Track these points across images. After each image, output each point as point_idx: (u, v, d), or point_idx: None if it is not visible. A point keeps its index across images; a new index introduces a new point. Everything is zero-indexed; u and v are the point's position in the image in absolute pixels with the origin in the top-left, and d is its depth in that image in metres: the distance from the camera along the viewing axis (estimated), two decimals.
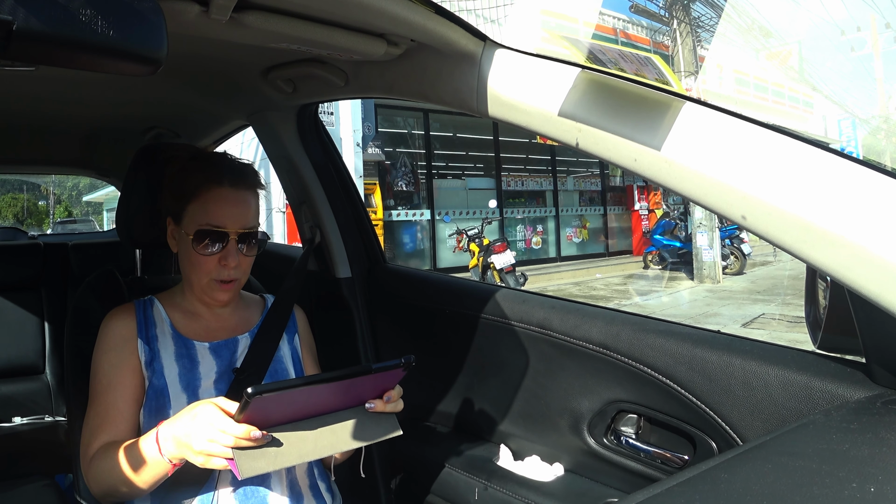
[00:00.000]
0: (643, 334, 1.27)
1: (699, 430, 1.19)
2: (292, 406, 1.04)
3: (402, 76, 1.24)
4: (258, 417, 1.00)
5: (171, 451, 1.07)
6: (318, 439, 1.07)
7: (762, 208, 0.81)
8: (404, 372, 1.10)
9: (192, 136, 2.27)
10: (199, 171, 1.30)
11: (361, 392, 1.13)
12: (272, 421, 1.03)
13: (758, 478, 0.61)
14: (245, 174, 1.32)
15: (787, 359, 1.06)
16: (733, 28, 15.38)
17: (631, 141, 0.91)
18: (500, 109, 1.04)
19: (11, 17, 0.54)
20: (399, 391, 1.17)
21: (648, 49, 13.35)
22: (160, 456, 1.08)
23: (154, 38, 0.63)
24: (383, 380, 1.12)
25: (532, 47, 1.04)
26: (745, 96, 17.81)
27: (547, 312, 1.46)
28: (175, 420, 1.08)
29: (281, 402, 1.00)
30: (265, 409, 0.99)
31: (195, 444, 1.02)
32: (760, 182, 0.81)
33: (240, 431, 0.99)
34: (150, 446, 1.10)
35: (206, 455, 1.02)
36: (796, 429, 0.75)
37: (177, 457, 1.07)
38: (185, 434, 1.03)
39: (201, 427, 1.01)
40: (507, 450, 1.55)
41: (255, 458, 1.01)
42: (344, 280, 1.88)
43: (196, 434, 1.02)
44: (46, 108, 1.95)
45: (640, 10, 13.20)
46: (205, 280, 1.29)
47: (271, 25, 1.03)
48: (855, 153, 23.97)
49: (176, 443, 1.06)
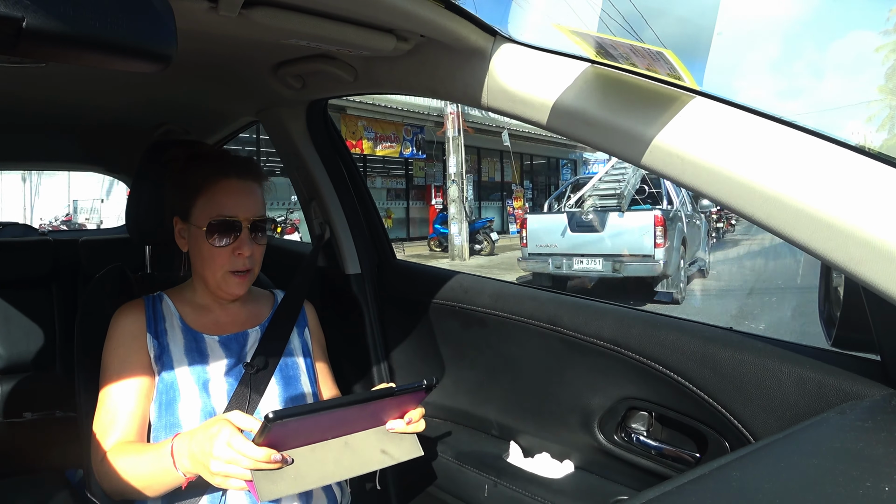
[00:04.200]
0: (654, 331, 1.26)
1: (711, 427, 1.18)
2: (313, 429, 1.03)
3: (411, 72, 1.23)
4: (278, 440, 0.98)
5: (187, 466, 1.06)
6: (338, 461, 1.06)
7: (774, 204, 0.80)
8: (426, 394, 1.10)
9: (202, 133, 2.28)
10: (204, 166, 1.30)
11: (382, 413, 1.12)
12: (292, 443, 1.02)
13: (770, 476, 0.60)
14: (249, 165, 1.33)
15: (801, 356, 1.05)
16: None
17: (643, 137, 0.90)
18: (511, 105, 1.04)
19: (21, 14, 0.54)
20: (420, 412, 1.16)
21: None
22: (174, 469, 1.07)
23: (163, 34, 0.63)
24: (405, 401, 1.11)
25: (543, 42, 1.03)
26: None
27: (557, 309, 1.45)
28: (192, 436, 1.06)
29: (301, 425, 0.99)
30: (285, 432, 0.97)
31: (213, 465, 1.00)
32: (773, 177, 0.80)
33: (260, 455, 0.97)
34: (165, 458, 1.09)
35: (225, 477, 1.00)
36: (810, 427, 0.75)
37: (191, 472, 1.07)
38: (203, 453, 1.02)
39: (219, 449, 0.99)
40: (517, 446, 1.55)
41: (275, 480, 0.99)
42: (353, 276, 1.87)
43: (214, 456, 1.00)
44: (56, 105, 1.96)
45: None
46: (219, 273, 1.29)
47: (280, 21, 1.03)
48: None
49: (192, 460, 1.05)
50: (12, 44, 0.55)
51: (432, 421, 1.77)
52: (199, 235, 1.28)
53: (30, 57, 0.59)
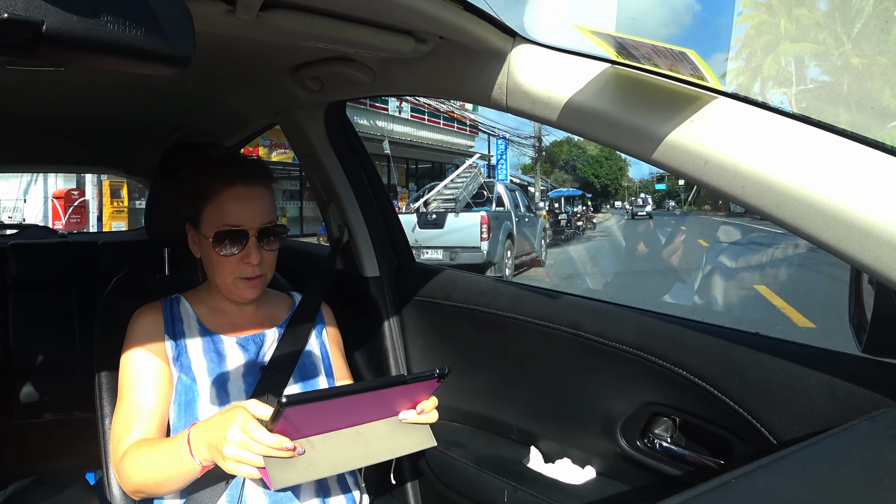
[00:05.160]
0: (678, 335, 1.25)
1: (735, 434, 1.16)
2: (325, 416, 1.03)
3: (429, 73, 1.22)
4: (291, 427, 0.98)
5: (202, 453, 1.07)
6: (350, 450, 1.06)
7: (802, 206, 0.78)
8: (439, 383, 1.08)
9: (220, 136, 2.29)
10: (209, 174, 1.29)
11: (395, 403, 1.11)
12: (305, 431, 1.02)
13: (797, 484, 0.58)
14: (255, 169, 1.32)
15: (830, 362, 1.03)
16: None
17: (665, 139, 0.88)
18: (531, 106, 1.02)
19: (41, 19, 0.54)
20: (433, 402, 1.15)
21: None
22: (191, 457, 1.08)
23: (181, 37, 0.62)
24: (417, 390, 1.10)
25: (562, 43, 1.02)
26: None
27: (578, 313, 1.44)
28: (207, 423, 1.08)
29: (314, 412, 0.99)
30: (298, 418, 0.97)
31: (226, 450, 1.00)
32: (800, 179, 0.78)
33: (272, 441, 0.97)
34: (181, 447, 1.10)
35: (237, 462, 1.00)
36: (839, 434, 0.73)
37: (207, 459, 1.08)
38: (217, 438, 1.03)
39: (233, 434, 1.00)
40: (538, 452, 1.53)
41: (288, 468, 0.99)
42: (372, 279, 1.87)
43: (228, 440, 1.00)
44: (75, 107, 1.97)
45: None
46: (230, 280, 1.30)
47: (298, 24, 1.03)
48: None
49: (207, 446, 1.06)
50: (32, 48, 0.55)
51: (451, 425, 1.75)
52: (207, 244, 1.28)
53: (49, 61, 0.59)
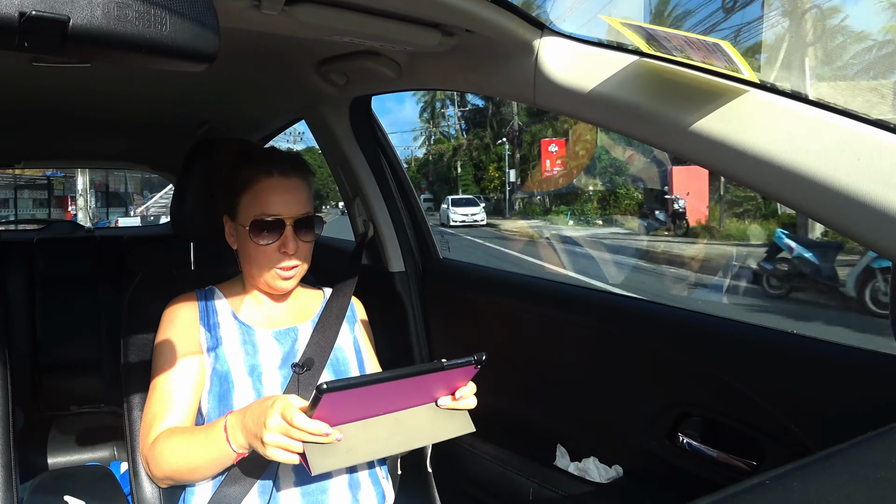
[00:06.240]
0: (709, 333, 1.22)
1: (768, 435, 1.14)
2: (363, 403, 1.03)
3: (456, 67, 1.21)
4: (329, 413, 0.99)
5: (239, 440, 1.09)
6: (389, 436, 1.06)
7: (840, 200, 0.76)
8: (476, 369, 1.09)
9: (246, 131, 2.30)
10: (248, 165, 1.31)
11: (433, 389, 1.12)
12: (343, 417, 1.03)
13: (833, 488, 0.56)
14: (293, 162, 1.33)
15: (870, 363, 1.00)
16: None
17: (699, 133, 0.86)
18: (561, 100, 1.01)
19: (67, 16, 0.53)
20: (472, 388, 1.16)
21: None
22: (227, 444, 1.10)
23: (206, 33, 0.62)
24: (455, 377, 1.11)
25: (592, 35, 1.00)
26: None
27: (607, 310, 1.42)
28: (245, 411, 1.09)
29: (352, 399, 1.00)
30: (337, 405, 0.98)
31: (267, 436, 1.02)
32: (838, 173, 0.76)
33: (312, 427, 0.98)
34: (217, 434, 1.12)
35: (277, 448, 1.01)
36: (877, 437, 0.70)
37: (244, 447, 1.09)
38: (256, 425, 1.04)
39: (273, 420, 1.01)
40: (564, 450, 1.52)
41: (327, 454, 1.00)
42: (398, 274, 1.86)
43: (268, 427, 1.02)
44: (101, 104, 1.99)
45: None
46: (266, 271, 1.30)
47: (323, 18, 1.02)
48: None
49: (245, 433, 1.07)
50: (59, 44, 0.55)
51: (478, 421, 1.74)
52: (244, 234, 1.29)
53: (75, 57, 0.59)
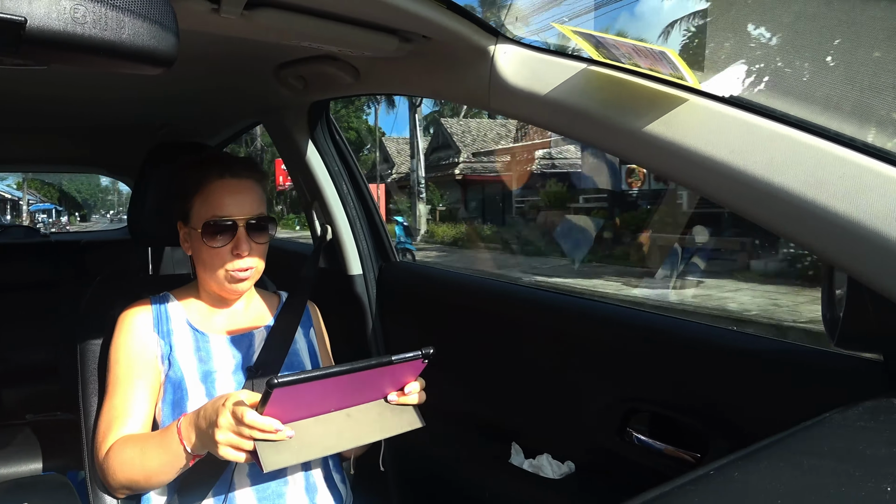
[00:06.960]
0: (658, 332, 1.26)
1: (711, 427, 1.18)
2: (314, 399, 1.04)
3: (413, 72, 1.23)
4: (280, 410, 1.00)
5: (193, 442, 1.08)
6: (340, 432, 1.08)
7: (777, 203, 0.79)
8: (424, 363, 1.11)
9: (205, 134, 2.28)
10: (199, 168, 1.30)
11: (382, 385, 1.13)
12: (295, 414, 1.03)
13: (772, 476, 0.59)
14: (245, 163, 1.33)
15: (804, 356, 1.05)
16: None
17: (645, 137, 0.89)
18: (515, 105, 1.03)
19: (24, 17, 0.54)
20: (420, 383, 1.18)
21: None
22: (181, 447, 1.09)
23: (165, 36, 0.63)
24: (403, 371, 1.12)
25: (545, 42, 1.03)
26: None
27: (559, 310, 1.45)
28: (197, 412, 1.09)
29: (303, 394, 1.00)
30: (287, 400, 0.99)
31: (218, 435, 1.02)
32: (776, 176, 0.80)
33: (263, 423, 0.99)
34: (171, 438, 1.11)
35: (229, 446, 1.02)
36: (812, 427, 0.74)
37: (198, 448, 1.08)
38: (209, 424, 1.04)
39: (224, 419, 1.02)
40: (519, 447, 1.54)
41: (279, 451, 1.01)
42: (355, 277, 1.87)
43: (219, 426, 1.02)
44: (58, 106, 1.95)
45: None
46: (220, 274, 1.29)
47: (282, 22, 1.03)
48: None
49: (199, 434, 1.07)
50: (14, 46, 0.55)
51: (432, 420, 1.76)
52: (197, 237, 1.28)
53: (32, 60, 0.59)
